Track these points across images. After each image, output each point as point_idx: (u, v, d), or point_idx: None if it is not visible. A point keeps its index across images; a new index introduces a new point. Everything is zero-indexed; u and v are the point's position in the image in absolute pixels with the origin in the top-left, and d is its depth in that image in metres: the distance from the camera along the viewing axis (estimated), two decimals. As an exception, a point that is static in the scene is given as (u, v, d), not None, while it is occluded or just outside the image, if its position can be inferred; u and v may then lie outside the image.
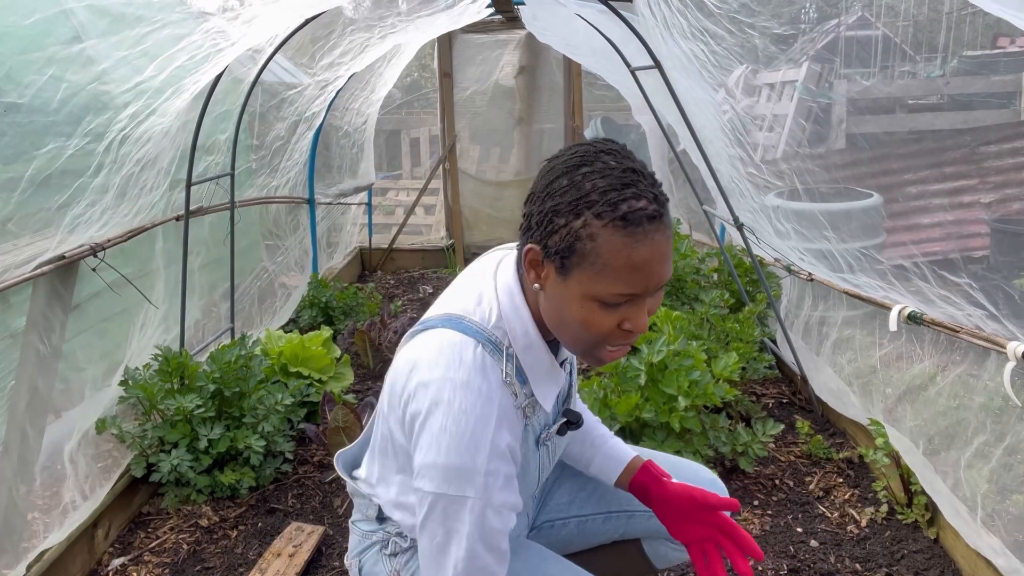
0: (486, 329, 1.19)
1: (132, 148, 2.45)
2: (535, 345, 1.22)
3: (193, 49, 2.44)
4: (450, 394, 1.12)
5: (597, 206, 1.04)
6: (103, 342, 2.74)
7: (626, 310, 1.10)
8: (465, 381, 1.13)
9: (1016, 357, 1.75)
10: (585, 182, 1.06)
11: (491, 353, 1.18)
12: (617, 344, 1.14)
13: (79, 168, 2.28)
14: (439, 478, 1.11)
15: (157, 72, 2.43)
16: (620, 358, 1.15)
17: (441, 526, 1.14)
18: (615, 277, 1.05)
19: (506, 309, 1.21)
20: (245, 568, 2.32)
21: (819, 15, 3.08)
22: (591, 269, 1.06)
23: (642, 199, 1.05)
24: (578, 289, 1.08)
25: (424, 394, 1.14)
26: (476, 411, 1.12)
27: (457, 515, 1.12)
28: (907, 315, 2.21)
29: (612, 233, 1.04)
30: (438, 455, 1.11)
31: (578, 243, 1.06)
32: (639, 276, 1.05)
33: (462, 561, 1.14)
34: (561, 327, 1.15)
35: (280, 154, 4.41)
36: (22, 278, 2.03)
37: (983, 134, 5.01)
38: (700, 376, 2.53)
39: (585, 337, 1.12)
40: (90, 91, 2.37)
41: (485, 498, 1.12)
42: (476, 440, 1.11)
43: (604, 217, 1.04)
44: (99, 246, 2.37)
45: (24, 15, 2.25)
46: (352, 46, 3.83)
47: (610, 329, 1.10)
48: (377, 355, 3.86)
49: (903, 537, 2.33)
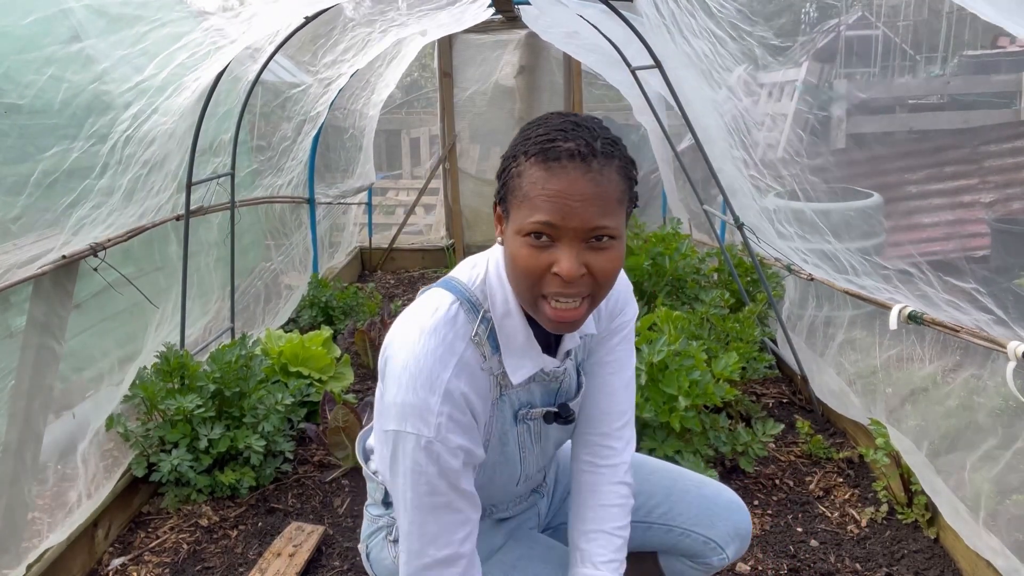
0: (468, 290, 1.26)
1: (137, 149, 2.45)
2: (513, 314, 1.26)
3: (194, 47, 2.45)
4: (415, 337, 1.20)
5: (529, 147, 1.12)
6: (114, 339, 2.74)
7: (554, 252, 1.12)
8: (432, 328, 1.20)
9: (1016, 357, 1.75)
10: (529, 132, 1.15)
11: (467, 312, 1.24)
12: (553, 292, 1.14)
13: (84, 170, 2.28)
14: (398, 415, 1.17)
15: (158, 70, 2.43)
16: (568, 317, 1.15)
17: (401, 463, 1.18)
18: (532, 206, 1.10)
19: (491, 275, 1.27)
20: (245, 568, 2.32)
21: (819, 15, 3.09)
22: (517, 202, 1.13)
23: (571, 142, 1.10)
24: (512, 228, 1.15)
25: (396, 338, 1.23)
26: (436, 355, 1.18)
27: (412, 454, 1.16)
28: (907, 315, 2.21)
29: (533, 166, 1.11)
30: (397, 393, 1.17)
31: (511, 181, 1.14)
32: (554, 206, 1.08)
33: (421, 499, 1.18)
34: (510, 276, 1.20)
35: (287, 154, 4.42)
36: (23, 278, 2.03)
37: (983, 134, 5.01)
38: (700, 376, 2.53)
39: (523, 283, 1.15)
40: (91, 91, 2.36)
41: (441, 437, 1.16)
42: (431, 381, 1.16)
43: (530, 154, 1.11)
44: (100, 246, 2.37)
45: (22, 15, 2.25)
46: (354, 42, 3.84)
47: (540, 270, 1.12)
48: (377, 355, 3.85)
49: (903, 537, 2.33)
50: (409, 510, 1.19)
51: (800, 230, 3.08)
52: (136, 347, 2.80)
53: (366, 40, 3.84)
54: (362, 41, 3.86)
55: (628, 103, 4.89)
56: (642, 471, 1.61)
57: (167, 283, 2.97)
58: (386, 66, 5.17)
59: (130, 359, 2.76)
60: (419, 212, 7.02)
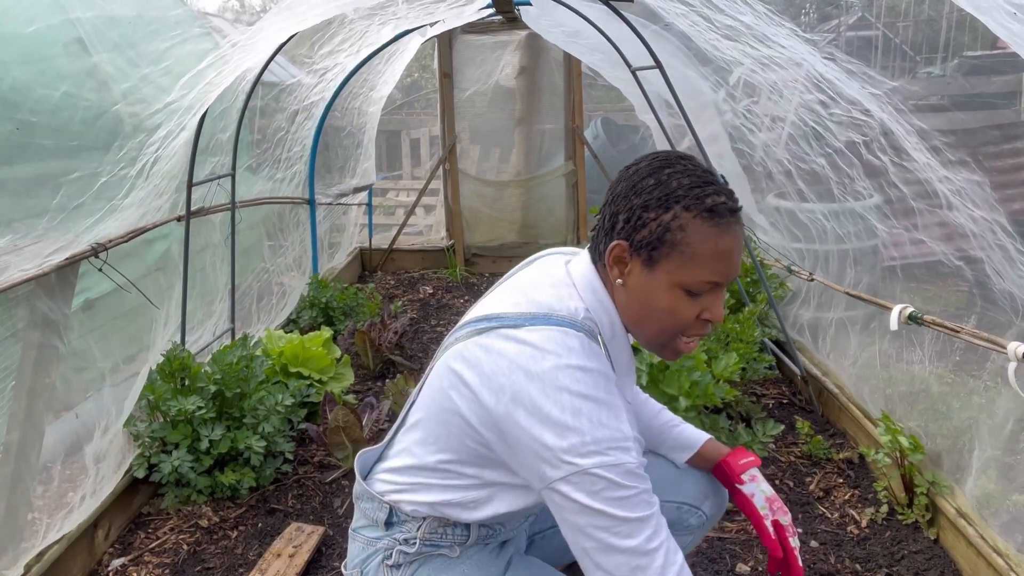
0: (578, 321, 1.23)
1: (163, 165, 2.45)
2: (619, 337, 1.29)
3: (220, 65, 2.42)
4: (571, 379, 1.13)
5: (685, 200, 1.15)
6: (120, 338, 2.74)
7: (706, 299, 1.19)
8: (581, 365, 1.15)
9: (1017, 357, 1.75)
10: (671, 180, 1.17)
11: (591, 340, 1.22)
12: (694, 334, 1.23)
13: (111, 192, 2.25)
14: (594, 452, 1.11)
15: (187, 91, 2.40)
16: (692, 349, 1.25)
17: (618, 507, 1.12)
18: (703, 265, 1.15)
19: (592, 303, 1.27)
20: (245, 568, 2.32)
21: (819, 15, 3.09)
22: (680, 258, 1.16)
23: (722, 195, 1.16)
24: (666, 279, 1.17)
25: (539, 387, 1.13)
26: (600, 387, 1.15)
27: (622, 487, 1.12)
28: (907, 315, 2.21)
29: (701, 224, 1.14)
30: (584, 434, 1.11)
31: (668, 234, 1.16)
32: (723, 264, 1.16)
33: (650, 514, 1.15)
34: (644, 319, 1.23)
35: (281, 146, 4.42)
36: (24, 277, 2.03)
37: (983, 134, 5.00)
38: (701, 376, 2.53)
39: (668, 327, 1.20)
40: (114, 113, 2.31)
41: (636, 455, 1.16)
42: (612, 410, 1.15)
43: (692, 209, 1.14)
44: (101, 246, 2.37)
45: (24, 22, 2.21)
46: (352, 34, 3.85)
47: (691, 318, 1.19)
48: (377, 355, 3.85)
49: (903, 537, 2.33)
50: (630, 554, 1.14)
51: (800, 230, 3.08)
52: (140, 347, 2.80)
53: (364, 31, 3.85)
54: (360, 33, 3.87)
55: (627, 104, 4.90)
56: None
57: (169, 283, 2.97)
58: (385, 63, 5.17)
59: (133, 359, 2.76)
60: (419, 213, 7.03)
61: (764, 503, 1.55)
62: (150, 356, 2.79)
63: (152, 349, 2.80)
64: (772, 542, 1.53)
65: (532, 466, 1.16)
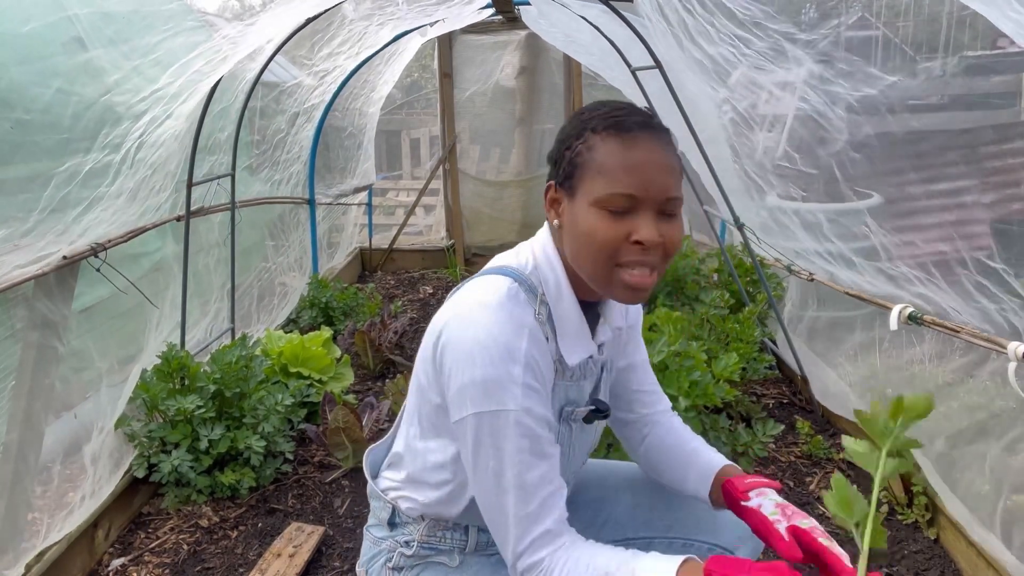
0: (522, 274, 1.24)
1: (148, 153, 2.44)
2: (565, 296, 1.25)
3: (210, 54, 2.42)
4: (480, 314, 1.15)
5: (594, 123, 1.16)
6: (118, 339, 2.74)
7: (632, 221, 1.14)
8: (497, 304, 1.16)
9: (1017, 357, 1.75)
10: (586, 114, 1.20)
11: (526, 292, 1.21)
12: (631, 261, 1.15)
13: (96, 179, 2.26)
14: (479, 395, 1.12)
15: (173, 79, 2.40)
16: (644, 284, 1.16)
17: (491, 448, 1.13)
18: (611, 176, 1.13)
19: (540, 259, 1.26)
20: (245, 568, 2.31)
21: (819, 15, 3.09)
22: (591, 175, 1.15)
23: (638, 116, 1.16)
24: (584, 202, 1.15)
25: (456, 322, 1.17)
26: (509, 327, 1.14)
27: (503, 431, 1.13)
28: (907, 315, 2.21)
29: (607, 138, 1.14)
30: (474, 371, 1.12)
31: (579, 157, 1.16)
32: (634, 177, 1.12)
33: (519, 477, 1.14)
34: (578, 253, 1.19)
35: (281, 147, 4.42)
36: (24, 278, 2.03)
37: (983, 134, 5.00)
38: (700, 376, 2.53)
39: (597, 253, 1.15)
40: (103, 104, 2.32)
41: (526, 407, 1.13)
42: (511, 351, 1.13)
43: (600, 130, 1.15)
44: (100, 246, 2.37)
45: (21, 21, 2.21)
46: (351, 35, 3.85)
47: (618, 239, 1.14)
48: (377, 355, 3.85)
49: (903, 537, 2.33)
50: (508, 490, 1.14)
51: (799, 230, 3.08)
52: (137, 348, 2.79)
53: (363, 33, 3.85)
54: (359, 34, 3.87)
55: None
56: (639, 482, 1.57)
57: (166, 282, 2.97)
58: (385, 64, 5.17)
59: (132, 359, 2.76)
60: (419, 213, 7.03)
61: (775, 508, 1.32)
62: (143, 357, 2.78)
63: (145, 349, 2.80)
64: (786, 544, 1.28)
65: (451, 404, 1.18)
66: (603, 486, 1.59)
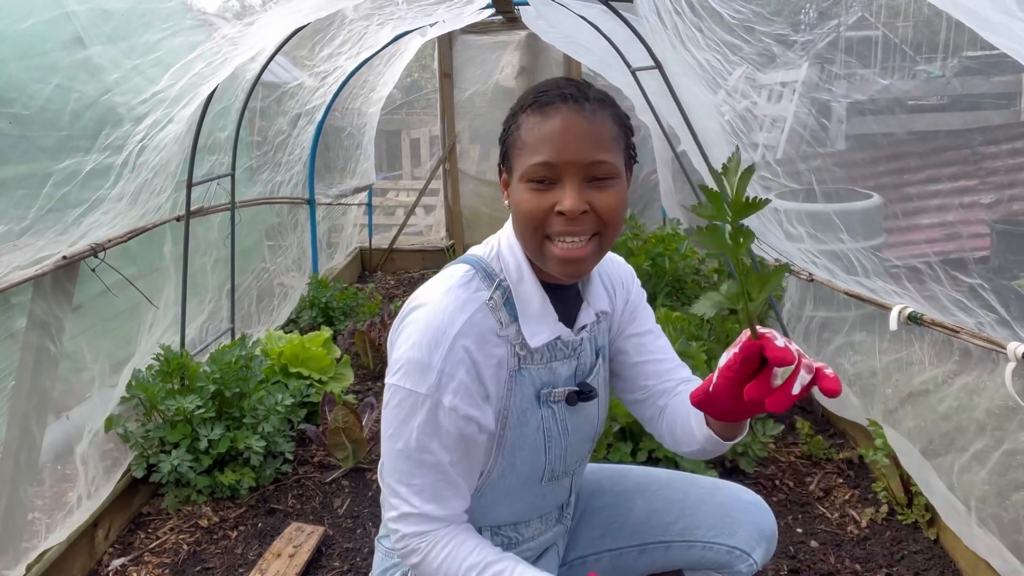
0: (483, 260, 1.28)
1: (150, 156, 2.44)
2: (526, 279, 1.27)
3: (210, 56, 2.42)
4: (429, 298, 1.22)
5: (524, 102, 1.20)
6: (111, 341, 2.73)
7: (557, 191, 1.15)
8: (446, 289, 1.23)
9: (1016, 357, 1.75)
10: (525, 94, 1.23)
11: (482, 279, 1.25)
12: (557, 231, 1.15)
13: (97, 180, 2.26)
14: (401, 371, 1.19)
15: (174, 81, 2.40)
16: (575, 256, 1.15)
17: (396, 417, 1.21)
18: (532, 150, 1.15)
19: (503, 244, 1.30)
20: (245, 568, 2.32)
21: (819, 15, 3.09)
22: (518, 152, 1.18)
23: (563, 90, 1.17)
24: (516, 179, 1.19)
25: (412, 303, 1.25)
26: (445, 314, 1.19)
27: (411, 409, 1.19)
28: (907, 316, 2.21)
29: (529, 115, 1.17)
30: (405, 350, 1.19)
31: (510, 137, 1.21)
32: (552, 145, 1.13)
33: (412, 450, 1.20)
34: (517, 230, 1.23)
35: (282, 148, 4.42)
36: (23, 278, 2.03)
37: (983, 134, 5.00)
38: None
39: (526, 227, 1.18)
40: (103, 103, 2.32)
41: (436, 396, 1.17)
42: (437, 338, 1.18)
43: (526, 108, 1.19)
44: (100, 246, 2.37)
45: (20, 17, 2.21)
46: (351, 35, 3.85)
47: (542, 211, 1.15)
48: (377, 355, 3.85)
49: (903, 538, 2.33)
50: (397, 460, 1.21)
51: (799, 230, 3.08)
52: (131, 349, 2.79)
53: (363, 33, 3.85)
54: (359, 34, 3.87)
55: (627, 105, 4.89)
56: (651, 486, 1.57)
57: (161, 283, 2.96)
58: (385, 64, 5.17)
59: (127, 361, 2.76)
60: (419, 213, 7.03)
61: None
62: (134, 357, 2.77)
63: (138, 350, 2.79)
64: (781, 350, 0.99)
65: None
66: (617, 492, 1.60)
